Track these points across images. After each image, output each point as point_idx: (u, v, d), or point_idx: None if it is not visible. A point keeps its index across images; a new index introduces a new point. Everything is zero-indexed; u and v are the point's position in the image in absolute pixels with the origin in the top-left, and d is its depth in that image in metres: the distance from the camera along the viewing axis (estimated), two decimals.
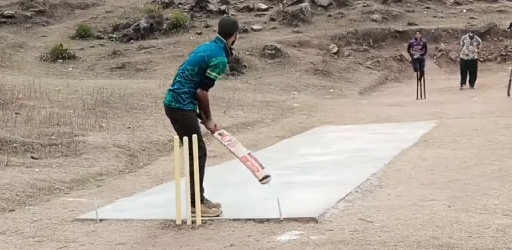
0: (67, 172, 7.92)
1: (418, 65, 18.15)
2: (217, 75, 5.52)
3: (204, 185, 5.71)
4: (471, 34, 19.09)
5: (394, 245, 4.62)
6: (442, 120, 11.89)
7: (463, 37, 19.40)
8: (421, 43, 18.30)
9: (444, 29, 22.19)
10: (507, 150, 8.36)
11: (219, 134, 5.71)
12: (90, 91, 13.16)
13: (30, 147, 8.87)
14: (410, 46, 18.53)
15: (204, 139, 5.84)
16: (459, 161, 7.80)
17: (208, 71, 5.48)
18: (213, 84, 5.60)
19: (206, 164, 5.73)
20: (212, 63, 5.47)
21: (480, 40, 19.10)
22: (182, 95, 5.56)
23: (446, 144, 9.15)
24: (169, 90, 5.67)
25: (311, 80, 18.83)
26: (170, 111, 5.65)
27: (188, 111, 5.59)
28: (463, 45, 18.96)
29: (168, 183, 7.18)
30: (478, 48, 18.90)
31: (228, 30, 5.69)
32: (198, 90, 5.53)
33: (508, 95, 14.64)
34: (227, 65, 5.72)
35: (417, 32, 19.20)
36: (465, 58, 18.77)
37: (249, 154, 5.71)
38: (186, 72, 5.56)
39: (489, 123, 10.92)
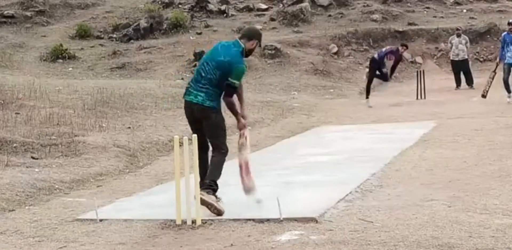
0: (67, 172, 7.92)
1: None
2: (237, 82, 5.82)
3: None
4: (458, 32, 18.87)
5: (394, 245, 4.62)
6: (442, 120, 11.89)
7: (450, 38, 19.16)
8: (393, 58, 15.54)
9: (444, 29, 22.17)
10: (507, 150, 8.37)
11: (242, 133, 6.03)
12: (90, 91, 13.16)
13: (30, 147, 8.87)
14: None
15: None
16: (459, 161, 7.80)
17: (229, 79, 5.75)
18: (235, 90, 5.87)
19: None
20: (233, 71, 5.74)
21: (467, 38, 18.93)
22: (213, 96, 5.81)
23: (446, 144, 9.15)
24: (199, 90, 5.82)
25: (311, 80, 18.82)
26: (203, 109, 5.82)
27: (219, 110, 5.89)
28: (451, 47, 18.73)
29: (168, 183, 7.18)
30: (466, 47, 18.68)
31: (249, 35, 5.95)
32: (224, 98, 5.84)
33: (484, 97, 14.44)
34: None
35: (404, 47, 15.86)
36: (456, 58, 18.47)
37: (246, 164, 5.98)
38: (210, 76, 5.80)
39: (489, 123, 10.92)
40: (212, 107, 5.80)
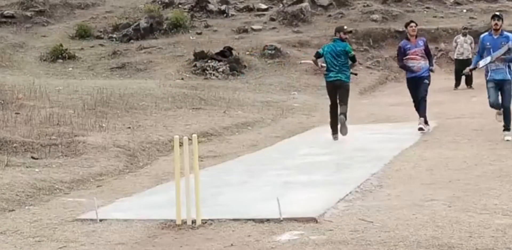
0: (67, 172, 7.92)
1: (414, 92, 10.65)
2: (352, 52, 10.22)
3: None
4: (465, 31, 18.88)
5: (394, 245, 4.62)
6: (442, 120, 11.89)
7: (455, 37, 19.18)
8: (421, 43, 10.67)
9: (444, 29, 22.17)
10: (507, 150, 8.37)
11: None
12: (90, 91, 13.16)
13: (30, 147, 8.87)
14: (402, 53, 10.80)
15: None
16: (459, 161, 7.80)
17: (350, 53, 10.05)
18: (355, 57, 10.32)
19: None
20: (348, 49, 10.08)
21: (472, 38, 18.93)
22: (348, 74, 10.15)
23: (446, 144, 9.16)
24: (339, 72, 9.97)
25: (311, 80, 18.80)
26: (342, 84, 10.04)
27: (349, 83, 10.23)
28: (456, 46, 18.74)
29: (168, 183, 7.18)
30: (471, 46, 18.68)
31: (334, 32, 10.40)
32: (356, 63, 10.67)
33: None
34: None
35: (412, 23, 10.77)
36: (460, 57, 18.48)
37: None
38: (342, 60, 10.01)
39: (489, 123, 10.91)
40: (347, 81, 10.06)
